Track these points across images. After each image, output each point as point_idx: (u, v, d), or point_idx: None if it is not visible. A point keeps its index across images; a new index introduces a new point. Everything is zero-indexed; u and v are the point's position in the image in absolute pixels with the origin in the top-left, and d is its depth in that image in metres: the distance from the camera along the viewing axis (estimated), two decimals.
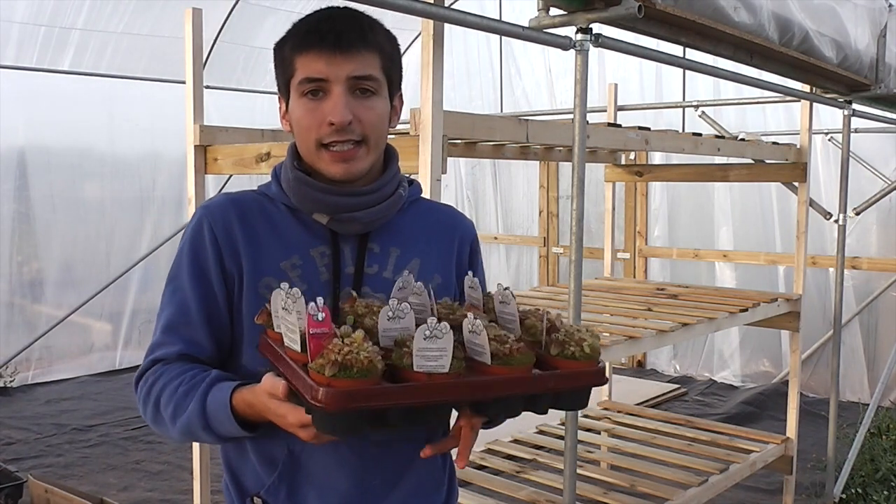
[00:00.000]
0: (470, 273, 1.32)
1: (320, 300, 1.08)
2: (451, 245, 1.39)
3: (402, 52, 1.34)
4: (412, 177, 1.45)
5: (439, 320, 1.09)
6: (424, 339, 1.06)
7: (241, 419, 1.18)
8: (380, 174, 1.31)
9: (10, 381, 5.75)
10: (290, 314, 1.10)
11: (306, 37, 1.24)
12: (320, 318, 1.07)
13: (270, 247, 1.28)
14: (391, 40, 1.30)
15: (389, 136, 1.35)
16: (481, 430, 1.29)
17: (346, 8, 1.28)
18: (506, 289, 1.24)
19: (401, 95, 1.35)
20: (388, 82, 1.28)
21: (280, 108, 1.32)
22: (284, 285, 1.12)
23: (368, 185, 1.29)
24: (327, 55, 1.21)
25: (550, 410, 1.18)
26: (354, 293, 1.24)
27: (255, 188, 1.37)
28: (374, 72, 1.24)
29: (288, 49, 1.26)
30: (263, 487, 1.28)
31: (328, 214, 1.28)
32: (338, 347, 1.04)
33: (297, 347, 1.09)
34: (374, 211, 1.29)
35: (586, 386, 1.18)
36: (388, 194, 1.31)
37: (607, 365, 4.06)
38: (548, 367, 1.16)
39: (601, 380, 1.17)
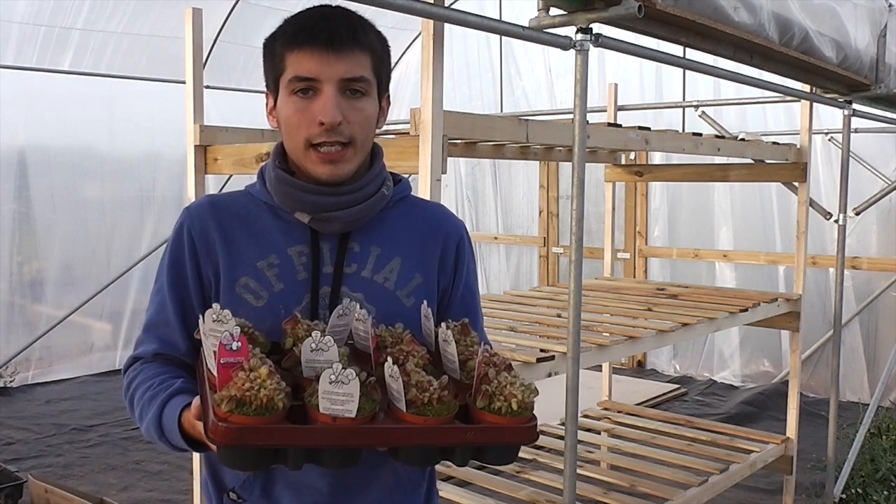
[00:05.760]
0: (425, 303, 1.29)
1: (237, 330, 1.06)
2: (434, 244, 1.36)
3: (391, 52, 1.33)
4: (404, 176, 1.42)
5: (358, 365, 1.03)
6: (330, 383, 1.01)
7: (190, 437, 1.16)
8: (364, 173, 1.30)
9: (10, 381, 5.74)
10: (208, 339, 1.08)
11: (298, 35, 1.23)
12: (234, 348, 1.03)
13: (247, 247, 1.28)
14: (382, 41, 1.29)
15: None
16: None
17: (338, 7, 1.27)
18: (448, 328, 1.21)
19: (388, 96, 1.34)
20: (377, 83, 1.27)
21: (267, 103, 1.31)
22: (216, 306, 1.10)
23: (351, 184, 1.28)
24: (319, 54, 1.21)
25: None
26: (298, 314, 1.23)
27: (244, 188, 1.37)
28: (365, 73, 1.24)
29: (279, 46, 1.25)
30: (239, 482, 1.28)
31: (309, 214, 1.28)
32: (240, 381, 1.00)
33: (215, 373, 1.05)
34: (354, 210, 1.28)
35: (510, 444, 1.11)
36: (370, 194, 1.29)
37: (607, 365, 4.08)
38: (473, 418, 1.10)
39: (528, 438, 1.10)
